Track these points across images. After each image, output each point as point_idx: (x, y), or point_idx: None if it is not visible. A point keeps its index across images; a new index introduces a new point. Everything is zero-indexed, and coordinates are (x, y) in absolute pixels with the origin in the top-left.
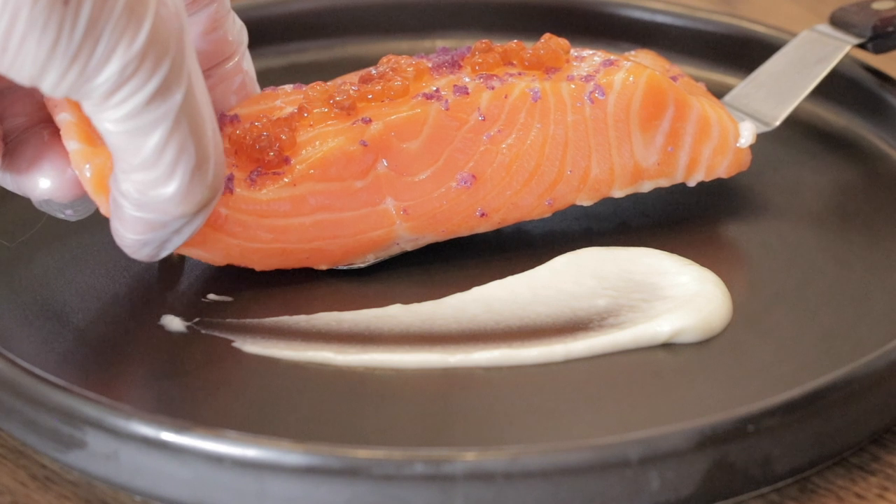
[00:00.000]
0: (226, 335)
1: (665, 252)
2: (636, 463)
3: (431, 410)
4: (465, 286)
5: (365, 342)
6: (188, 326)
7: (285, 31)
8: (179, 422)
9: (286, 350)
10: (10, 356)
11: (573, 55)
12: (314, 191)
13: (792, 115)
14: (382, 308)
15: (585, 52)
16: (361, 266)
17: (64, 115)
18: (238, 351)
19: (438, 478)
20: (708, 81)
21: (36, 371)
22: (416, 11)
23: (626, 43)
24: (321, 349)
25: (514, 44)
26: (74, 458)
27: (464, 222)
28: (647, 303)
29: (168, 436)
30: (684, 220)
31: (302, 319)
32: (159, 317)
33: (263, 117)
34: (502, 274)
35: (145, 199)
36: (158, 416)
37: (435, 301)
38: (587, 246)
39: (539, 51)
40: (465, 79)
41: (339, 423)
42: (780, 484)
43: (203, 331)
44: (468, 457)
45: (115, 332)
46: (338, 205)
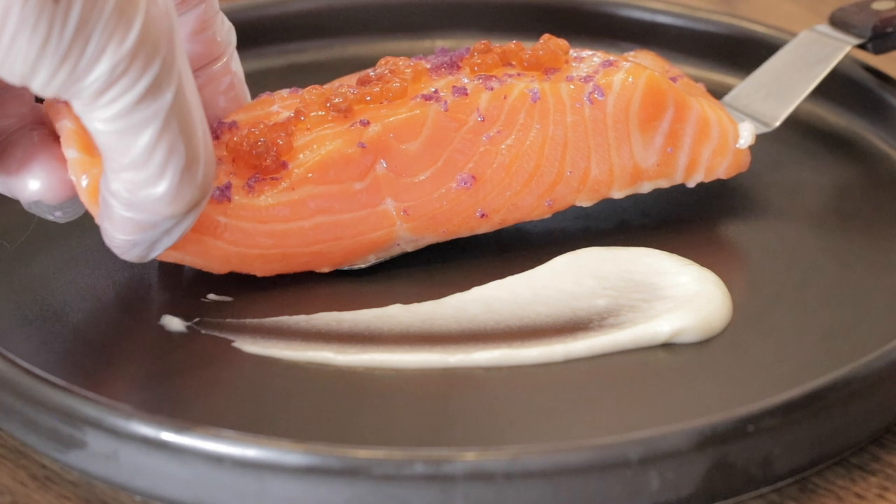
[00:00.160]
0: (226, 335)
1: (665, 252)
2: (636, 463)
3: (431, 410)
4: (465, 286)
5: (365, 342)
6: (188, 326)
7: (285, 31)
8: (179, 422)
9: (286, 350)
10: (10, 356)
11: (572, 56)
12: (313, 194)
13: (792, 115)
14: (382, 308)
15: (585, 53)
16: (362, 267)
17: (64, 123)
18: (238, 351)
19: (438, 478)
20: (708, 81)
21: (36, 371)
22: (415, 12)
23: (625, 43)
24: (321, 349)
25: (513, 44)
26: (74, 458)
27: (464, 223)
28: (647, 303)
29: (168, 436)
30: (684, 220)
31: (302, 319)
32: (159, 317)
33: (261, 123)
34: (502, 274)
35: (135, 199)
36: (158, 416)
37: (435, 301)
38: (587, 246)
39: (538, 51)
40: (464, 80)
41: (339, 423)
42: (780, 484)
43: (203, 331)
44: (468, 457)
45: (115, 332)
46: (337, 207)
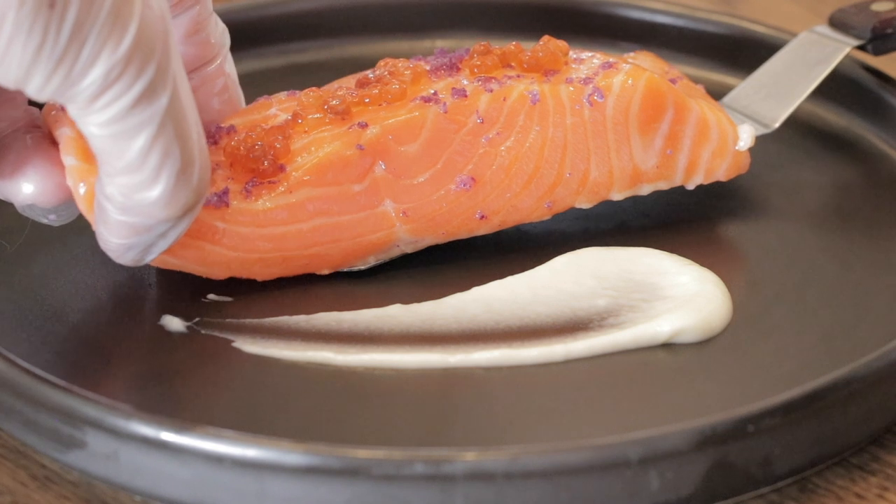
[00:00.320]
0: (226, 335)
1: (665, 252)
2: (636, 463)
3: (431, 410)
4: (465, 286)
5: (365, 342)
6: (188, 326)
7: (285, 31)
8: (179, 422)
9: (286, 350)
10: (10, 356)
11: (572, 57)
12: (311, 196)
13: (792, 115)
14: (382, 308)
15: (584, 55)
16: (362, 268)
17: (64, 130)
18: (238, 351)
19: (438, 478)
20: (707, 82)
21: (36, 371)
22: (414, 12)
23: (625, 43)
24: (321, 349)
25: (512, 46)
26: (74, 458)
27: (463, 224)
28: (647, 303)
29: (168, 436)
30: (684, 220)
31: (302, 319)
32: (159, 317)
33: (258, 127)
34: (502, 274)
35: (130, 202)
36: (158, 416)
37: (435, 301)
38: (587, 246)
39: (538, 53)
40: (463, 81)
41: (339, 423)
42: (780, 484)
43: (203, 331)
44: (468, 457)
45: (114, 332)
46: (336, 209)
